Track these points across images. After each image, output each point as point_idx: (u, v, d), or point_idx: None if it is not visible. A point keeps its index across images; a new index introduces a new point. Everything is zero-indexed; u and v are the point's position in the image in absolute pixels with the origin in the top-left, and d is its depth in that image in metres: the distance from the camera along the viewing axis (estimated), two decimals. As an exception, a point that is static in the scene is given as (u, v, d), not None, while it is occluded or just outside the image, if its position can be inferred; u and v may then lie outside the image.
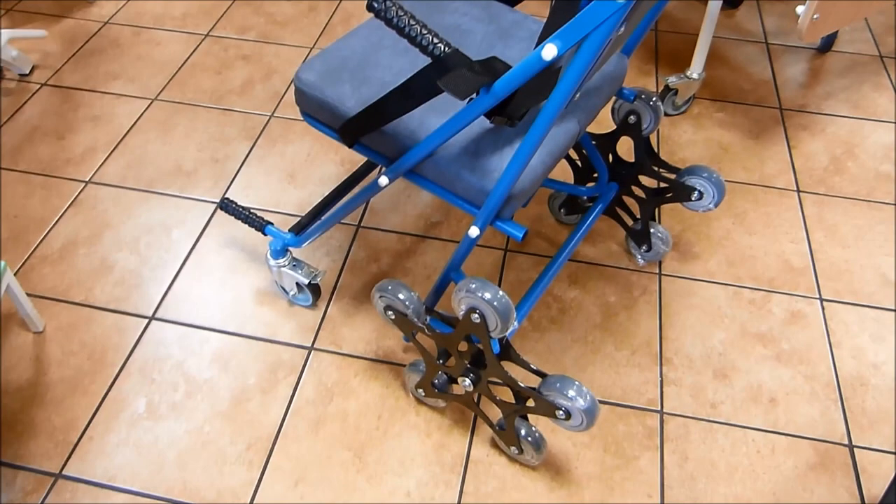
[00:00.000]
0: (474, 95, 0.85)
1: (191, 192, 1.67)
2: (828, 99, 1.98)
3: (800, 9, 1.39)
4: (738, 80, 2.03)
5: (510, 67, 0.83)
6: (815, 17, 1.38)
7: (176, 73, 2.00)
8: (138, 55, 2.07)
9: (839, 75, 2.06)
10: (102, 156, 1.76)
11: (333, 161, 1.74)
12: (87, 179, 1.70)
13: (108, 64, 2.03)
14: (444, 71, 0.83)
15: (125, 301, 1.45)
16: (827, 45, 2.15)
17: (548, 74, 0.82)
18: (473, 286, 0.98)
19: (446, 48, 0.83)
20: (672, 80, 1.83)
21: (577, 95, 0.93)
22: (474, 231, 1.00)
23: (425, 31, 0.83)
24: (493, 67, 0.83)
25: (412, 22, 0.83)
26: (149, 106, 1.90)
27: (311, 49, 2.08)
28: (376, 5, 0.83)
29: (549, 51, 0.74)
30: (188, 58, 2.05)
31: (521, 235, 0.99)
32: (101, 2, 2.26)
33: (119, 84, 1.97)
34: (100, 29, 2.16)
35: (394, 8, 0.83)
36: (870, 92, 2.00)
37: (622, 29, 0.73)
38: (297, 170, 1.72)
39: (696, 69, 1.82)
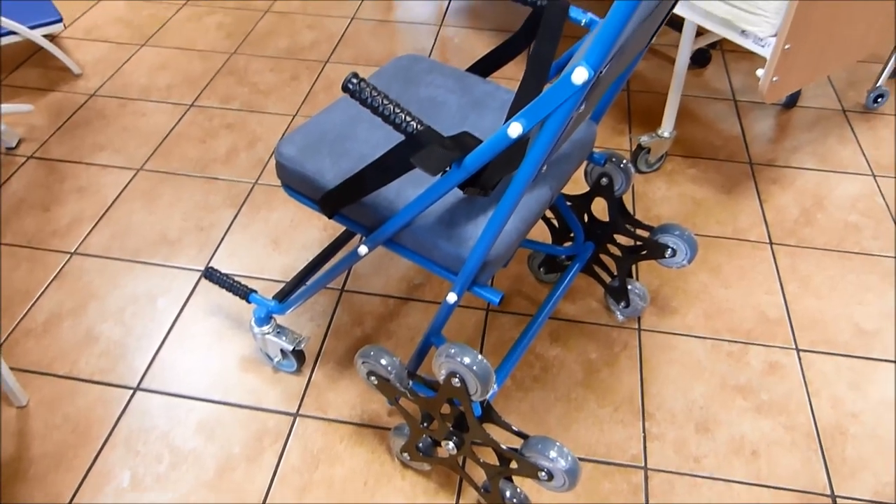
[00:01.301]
0: (448, 169, 0.89)
1: (176, 260, 1.69)
2: (795, 153, 2.04)
3: (760, 72, 1.45)
4: (709, 137, 2.10)
5: (480, 142, 0.87)
6: (774, 79, 1.44)
7: (161, 143, 2.04)
8: (124, 126, 2.11)
9: (805, 130, 2.13)
10: (88, 226, 1.78)
11: (316, 227, 1.78)
12: (72, 251, 1.72)
13: (95, 135, 2.08)
14: (417, 147, 0.87)
15: (110, 372, 1.45)
16: (792, 101, 2.23)
17: (518, 146, 0.86)
18: (453, 351, 1.00)
19: (418, 125, 0.87)
20: (644, 139, 1.89)
21: (545, 167, 0.97)
22: (452, 297, 1.03)
23: (398, 110, 0.87)
24: (463, 143, 0.87)
25: (385, 101, 0.87)
26: (134, 176, 1.93)
27: (294, 116, 2.14)
28: (351, 86, 0.88)
29: (515, 129, 0.78)
30: (173, 128, 2.10)
31: (497, 300, 1.01)
32: (87, 75, 2.32)
33: (105, 155, 2.01)
34: (86, 101, 2.21)
35: (367, 89, 0.87)
36: (835, 145, 2.08)
37: (582, 107, 0.77)
38: (280, 236, 1.75)
39: (666, 128, 1.88)
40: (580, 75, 0.69)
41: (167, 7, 2.68)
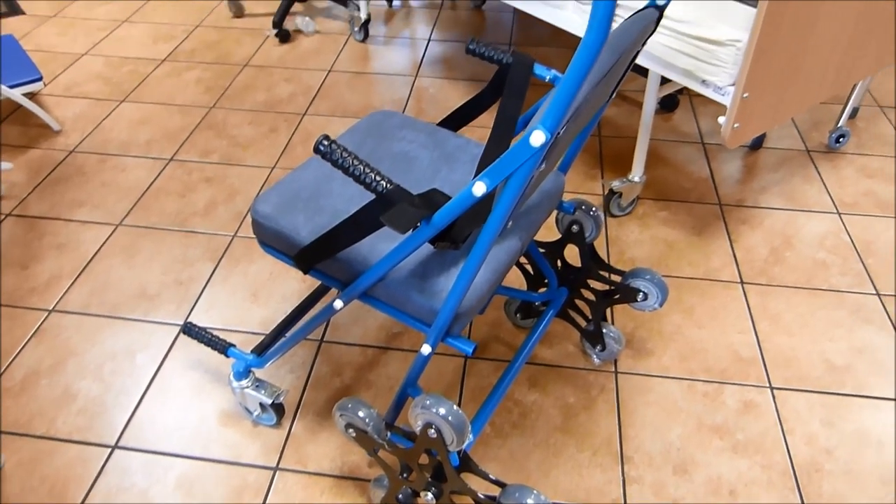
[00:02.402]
0: (418, 225, 0.91)
1: (155, 315, 1.70)
2: (763, 193, 2.10)
3: (721, 119, 1.51)
4: (679, 180, 2.15)
5: (449, 199, 0.90)
6: (735, 125, 1.49)
7: (140, 197, 2.06)
8: (103, 182, 2.13)
9: (771, 170, 2.19)
10: (67, 283, 1.79)
11: (295, 278, 1.79)
12: (50, 308, 1.72)
13: (74, 192, 2.09)
14: (387, 205, 0.90)
15: (88, 431, 1.45)
16: (758, 143, 2.30)
17: (485, 200, 0.89)
18: (428, 402, 1.01)
19: (388, 185, 0.90)
20: (616, 184, 1.94)
21: (510, 223, 1.00)
22: (426, 349, 1.04)
23: (368, 170, 0.90)
24: (432, 200, 0.90)
25: (355, 162, 0.91)
26: (113, 231, 1.95)
27: (273, 169, 2.17)
28: (322, 148, 0.91)
29: (479, 188, 0.81)
30: (152, 182, 2.12)
31: (470, 350, 1.03)
32: (67, 131, 2.35)
33: (84, 211, 2.02)
34: (66, 158, 2.23)
35: (338, 150, 0.90)
36: (801, 184, 2.14)
37: (543, 166, 0.80)
38: (259, 288, 1.77)
39: (636, 173, 1.93)
40: (537, 138, 0.72)
41: (147, 63, 2.73)
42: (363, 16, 2.83)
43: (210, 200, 2.05)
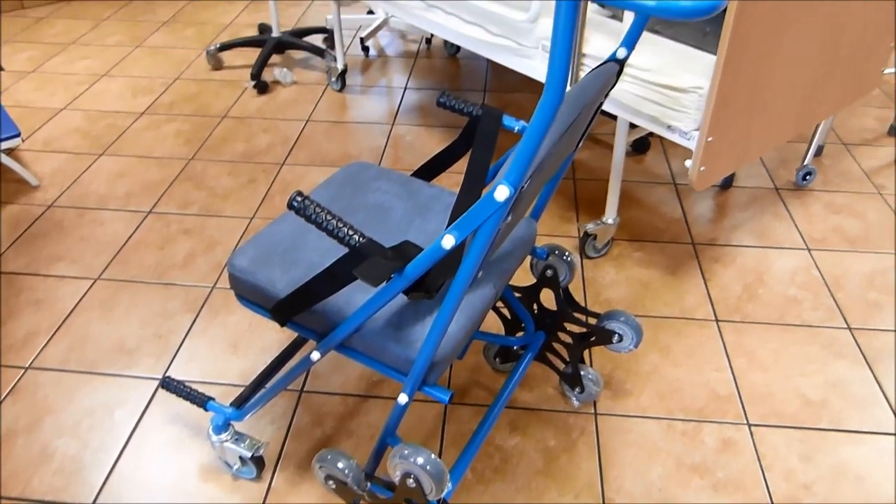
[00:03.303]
0: (391, 277, 0.93)
1: (133, 370, 1.69)
2: (735, 231, 2.15)
3: (688, 162, 1.55)
4: (653, 220, 2.19)
5: (421, 250, 0.92)
6: (701, 169, 1.54)
7: (119, 251, 2.07)
8: (82, 236, 2.14)
9: (742, 209, 2.25)
10: (44, 339, 1.78)
11: (274, 328, 1.80)
12: (26, 365, 1.71)
13: (52, 246, 2.09)
14: (360, 258, 0.92)
15: (64, 491, 1.43)
16: (728, 182, 2.35)
17: (458, 250, 0.91)
18: (406, 452, 1.02)
19: (360, 238, 0.92)
20: (590, 226, 1.97)
21: (480, 273, 1.03)
22: (403, 398, 1.05)
23: (340, 224, 0.93)
24: (404, 253, 0.92)
25: (328, 217, 0.93)
26: (92, 286, 1.94)
27: (252, 219, 2.19)
28: (296, 204, 0.93)
29: (448, 240, 0.83)
30: (131, 235, 2.13)
31: (447, 399, 1.04)
32: (45, 186, 2.35)
33: (62, 266, 2.02)
34: (44, 212, 2.24)
35: (311, 206, 0.93)
36: (771, 221, 2.19)
37: (509, 218, 0.83)
38: (239, 339, 1.77)
39: (610, 215, 1.97)
40: (502, 193, 0.75)
41: (125, 116, 2.76)
42: (340, 66, 2.89)
43: (189, 252, 2.06)
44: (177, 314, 1.85)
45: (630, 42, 1.03)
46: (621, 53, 1.05)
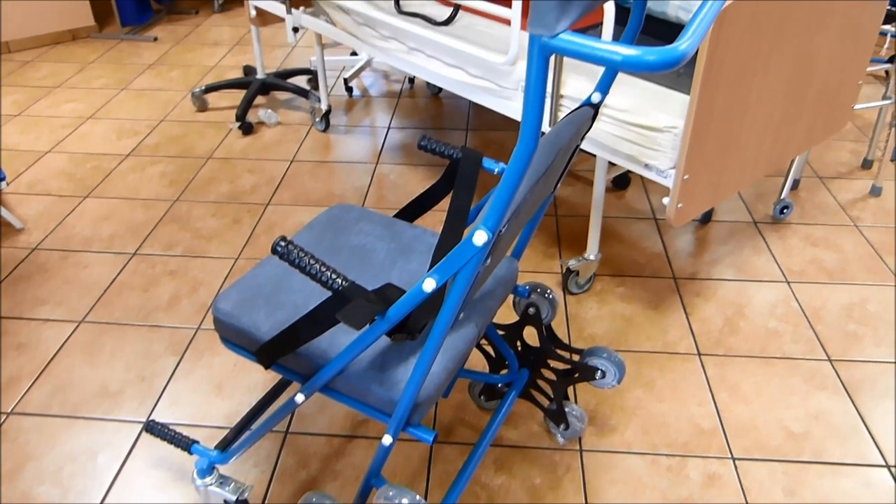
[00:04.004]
0: (374, 320, 0.95)
1: (117, 413, 1.68)
2: (715, 265, 2.18)
3: (665, 200, 1.58)
4: (634, 255, 2.22)
5: (403, 292, 0.93)
6: (679, 206, 1.57)
7: (103, 293, 2.07)
8: (66, 279, 2.13)
9: (721, 243, 2.28)
10: (26, 384, 1.77)
11: (259, 369, 1.80)
12: (8, 411, 1.69)
13: (36, 290, 2.09)
14: (343, 302, 0.93)
15: (47, 538, 1.41)
16: (707, 217, 2.39)
17: (439, 292, 0.93)
18: (391, 493, 1.02)
19: (343, 282, 0.93)
20: (572, 262, 2.00)
21: (462, 315, 1.04)
22: (387, 439, 1.06)
23: (324, 269, 0.94)
24: (386, 296, 0.94)
25: (311, 261, 0.94)
26: (75, 329, 1.94)
27: (236, 260, 2.19)
28: (279, 249, 0.95)
29: (429, 284, 0.85)
30: (115, 277, 2.13)
31: (430, 439, 1.05)
32: (30, 229, 2.36)
33: (46, 309, 2.01)
34: (28, 255, 2.24)
35: (295, 250, 0.94)
36: (750, 255, 2.22)
37: (488, 261, 0.85)
38: (224, 381, 1.76)
39: (592, 251, 1.99)
40: (480, 238, 0.77)
41: (110, 159, 2.77)
42: (324, 107, 2.93)
43: (173, 294, 2.06)
44: (161, 356, 1.84)
45: (604, 87, 1.07)
46: (596, 98, 1.08)
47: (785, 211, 2.39)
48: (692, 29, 0.67)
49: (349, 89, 3.36)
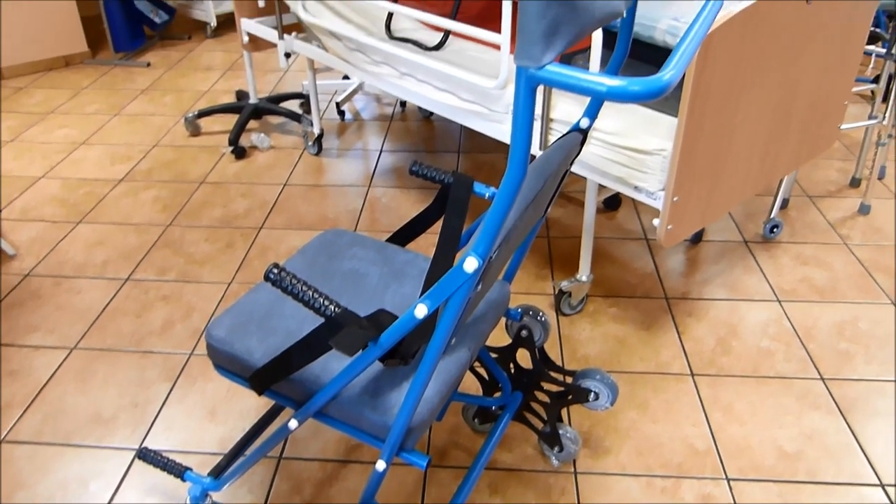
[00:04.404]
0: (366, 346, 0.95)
1: (110, 440, 1.67)
2: (706, 285, 2.19)
3: (656, 221, 1.60)
4: (626, 276, 2.23)
5: (396, 318, 0.94)
6: (669, 227, 1.58)
7: (96, 319, 2.06)
8: (58, 305, 2.13)
9: (713, 262, 2.30)
10: (18, 412, 1.76)
11: (252, 394, 1.79)
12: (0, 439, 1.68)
13: (28, 316, 2.08)
14: (336, 328, 0.94)
15: (38, 569, 1.40)
16: (698, 237, 2.41)
17: (432, 316, 0.93)
18: (385, 520, 1.02)
19: (335, 308, 0.94)
20: (565, 284, 2.01)
21: (454, 340, 1.05)
22: (381, 465, 1.06)
23: (317, 295, 0.95)
24: (379, 322, 0.94)
25: (304, 288, 0.95)
26: (68, 356, 1.93)
27: (229, 284, 2.20)
28: (272, 276, 0.95)
29: (421, 310, 0.85)
30: (108, 303, 2.13)
31: (424, 465, 1.05)
32: (22, 255, 2.35)
33: (38, 336, 2.01)
34: (20, 282, 2.23)
35: (287, 277, 0.95)
36: (741, 274, 2.24)
37: (479, 287, 0.86)
38: (217, 406, 1.76)
39: (584, 272, 2.00)
40: (470, 265, 0.78)
41: (104, 184, 2.78)
42: (316, 130, 2.94)
43: (167, 319, 2.06)
44: (154, 382, 1.84)
45: (592, 113, 1.08)
46: (584, 123, 1.10)
47: (775, 230, 2.41)
48: (676, 58, 0.68)
49: (341, 113, 3.39)
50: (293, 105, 3.42)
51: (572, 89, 0.63)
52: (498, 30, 1.81)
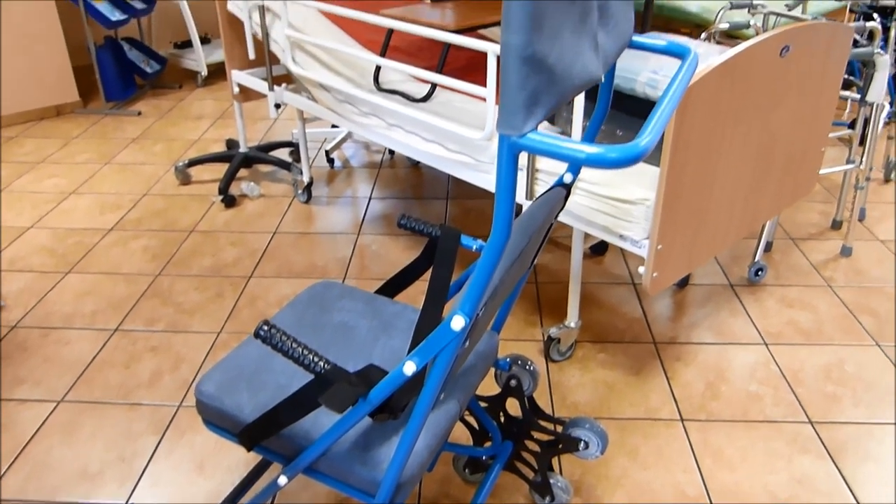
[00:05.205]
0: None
1: (96, 496, 1.65)
2: (694, 329, 2.21)
3: (641, 269, 1.62)
4: (614, 321, 2.25)
5: (385, 373, 0.95)
6: (654, 275, 1.61)
7: (83, 371, 2.05)
8: (46, 357, 2.12)
9: (699, 306, 2.32)
10: (2, 467, 1.73)
11: (241, 447, 1.78)
12: (-15, 497, 1.66)
13: (14, 369, 2.07)
14: (326, 384, 0.95)
15: None
16: (684, 281, 2.44)
17: (422, 371, 0.94)
18: (375, 577, 1.01)
19: (325, 365, 0.95)
20: (553, 330, 2.02)
21: (443, 395, 1.05)
22: (371, 522, 1.06)
23: (306, 352, 0.96)
24: (368, 378, 0.95)
25: (294, 345, 0.96)
26: (54, 409, 1.92)
27: (219, 334, 2.19)
28: (262, 333, 0.96)
29: (409, 367, 0.86)
30: (96, 355, 2.12)
31: (415, 520, 1.05)
32: (10, 306, 2.35)
33: (24, 389, 1.99)
34: (7, 334, 2.22)
35: (277, 334, 0.96)
36: (728, 318, 2.26)
37: (467, 343, 0.87)
38: (205, 459, 1.74)
39: (572, 318, 2.02)
40: (458, 323, 0.79)
41: (93, 233, 2.79)
42: (306, 179, 2.98)
43: (155, 370, 2.05)
44: (142, 435, 1.82)
45: (575, 168, 1.11)
46: (568, 178, 1.12)
47: (760, 273, 2.44)
48: (651, 124, 0.71)
49: (331, 161, 3.43)
50: (283, 153, 3.46)
51: (553, 156, 0.66)
52: (483, 81, 1.85)
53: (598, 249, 2.62)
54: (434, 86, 2.13)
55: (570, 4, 0.72)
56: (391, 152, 3.53)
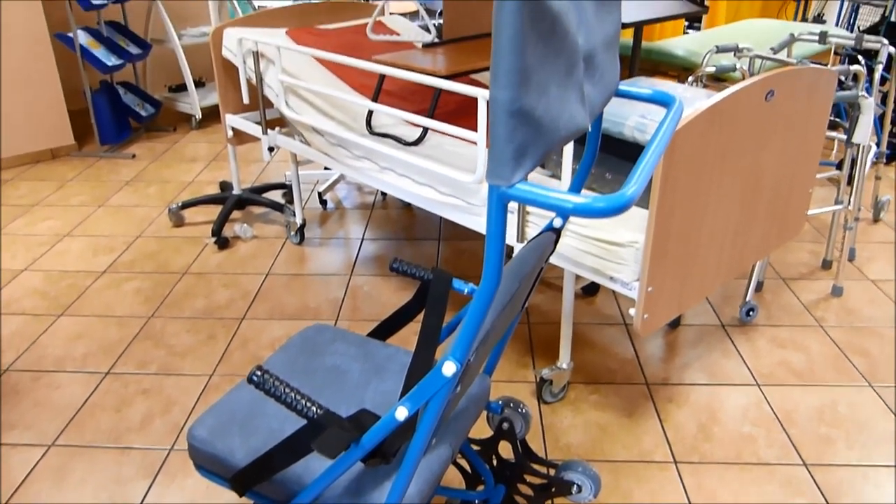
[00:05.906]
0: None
1: (84, 544, 1.63)
2: (686, 369, 2.21)
3: (632, 311, 1.64)
4: (606, 362, 2.25)
5: (377, 418, 0.95)
6: (644, 316, 1.62)
7: (74, 415, 2.04)
8: (36, 401, 2.10)
9: (691, 347, 2.33)
10: (-10, 515, 1.71)
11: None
12: (-29, 545, 1.63)
13: (5, 414, 2.05)
14: (318, 429, 0.95)
15: None
16: (676, 321, 2.45)
17: (414, 416, 0.95)
18: None
19: (318, 410, 0.95)
20: (545, 372, 2.02)
21: (435, 440, 1.06)
22: (363, 569, 1.05)
23: (299, 397, 0.96)
24: (361, 423, 0.96)
25: (287, 390, 0.96)
26: (45, 454, 1.90)
27: (211, 377, 2.19)
28: (255, 379, 0.97)
29: (402, 412, 0.87)
30: (88, 398, 2.10)
31: (407, 568, 1.04)
32: (2, 350, 2.33)
33: (14, 434, 1.97)
34: (-3, 378, 2.21)
35: (270, 380, 0.96)
36: (720, 358, 2.27)
37: (458, 389, 0.88)
38: (196, 505, 1.73)
39: (564, 360, 2.02)
40: (449, 369, 0.80)
41: (86, 276, 2.79)
42: (299, 220, 3.00)
43: (146, 413, 2.04)
44: (132, 479, 1.80)
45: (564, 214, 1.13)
46: (557, 223, 1.14)
47: (751, 313, 2.45)
48: (637, 173, 0.73)
49: (323, 202, 3.45)
50: (276, 195, 3.49)
51: (541, 206, 0.67)
52: (474, 125, 1.89)
53: (590, 290, 2.64)
54: (426, 130, 2.17)
55: (557, 58, 0.75)
56: (383, 194, 3.56)
